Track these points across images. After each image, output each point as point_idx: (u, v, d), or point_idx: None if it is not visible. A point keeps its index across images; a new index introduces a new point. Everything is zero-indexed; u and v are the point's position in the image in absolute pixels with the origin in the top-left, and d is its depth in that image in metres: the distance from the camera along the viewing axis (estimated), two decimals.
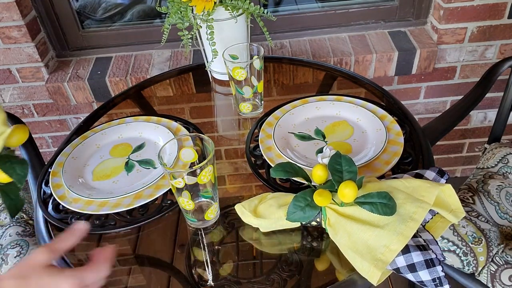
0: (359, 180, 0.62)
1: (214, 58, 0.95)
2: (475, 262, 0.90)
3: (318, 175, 0.64)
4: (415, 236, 0.59)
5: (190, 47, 1.17)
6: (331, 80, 1.05)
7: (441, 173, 0.67)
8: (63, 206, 0.75)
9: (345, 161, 0.63)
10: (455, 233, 0.92)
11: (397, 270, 0.58)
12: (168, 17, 0.95)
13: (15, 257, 0.92)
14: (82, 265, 0.66)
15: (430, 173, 0.67)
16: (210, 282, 0.63)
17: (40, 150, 1.08)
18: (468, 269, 0.91)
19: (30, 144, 1.04)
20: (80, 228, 0.54)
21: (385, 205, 0.58)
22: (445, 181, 0.66)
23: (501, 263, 0.89)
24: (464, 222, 0.93)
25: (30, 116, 1.47)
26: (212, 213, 0.70)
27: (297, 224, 0.66)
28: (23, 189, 1.09)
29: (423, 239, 0.59)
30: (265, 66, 1.09)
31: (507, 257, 0.89)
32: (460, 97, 1.35)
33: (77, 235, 0.53)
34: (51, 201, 0.77)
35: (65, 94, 1.37)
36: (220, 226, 0.71)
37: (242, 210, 0.68)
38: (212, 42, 0.93)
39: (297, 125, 0.87)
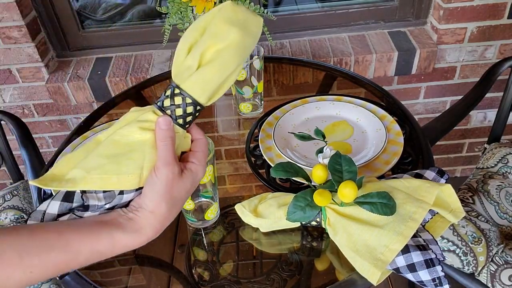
0: (359, 180, 0.62)
1: None
2: (475, 262, 0.90)
3: (318, 175, 0.64)
4: (415, 236, 0.59)
5: None
6: (331, 80, 1.05)
7: (440, 173, 0.67)
8: None
9: (345, 161, 0.63)
10: (455, 233, 0.92)
11: (397, 270, 0.58)
12: (168, 17, 0.95)
13: None
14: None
15: (430, 173, 0.67)
16: (210, 282, 0.63)
17: (40, 150, 1.08)
18: (468, 269, 0.91)
19: (30, 144, 1.04)
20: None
21: (385, 205, 0.58)
22: (444, 181, 0.66)
23: (501, 263, 0.89)
24: (464, 222, 0.93)
25: (30, 116, 1.47)
26: (212, 213, 0.70)
27: (297, 224, 0.66)
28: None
29: (423, 239, 0.59)
30: (265, 66, 1.09)
31: (507, 257, 0.89)
32: (460, 97, 1.35)
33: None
34: None
35: (65, 94, 1.37)
36: (220, 226, 0.71)
37: (242, 210, 0.68)
38: None
39: (297, 125, 0.87)
